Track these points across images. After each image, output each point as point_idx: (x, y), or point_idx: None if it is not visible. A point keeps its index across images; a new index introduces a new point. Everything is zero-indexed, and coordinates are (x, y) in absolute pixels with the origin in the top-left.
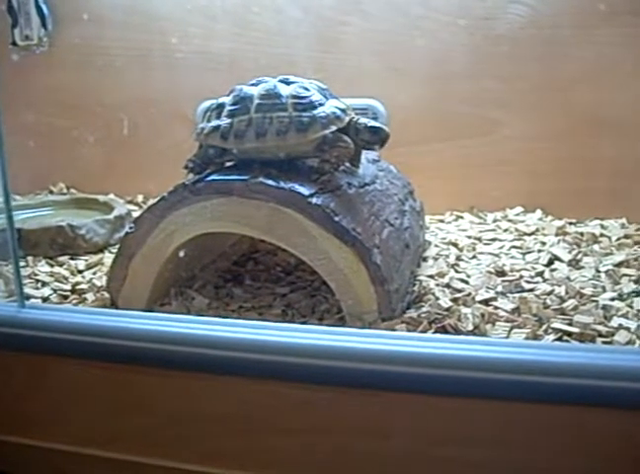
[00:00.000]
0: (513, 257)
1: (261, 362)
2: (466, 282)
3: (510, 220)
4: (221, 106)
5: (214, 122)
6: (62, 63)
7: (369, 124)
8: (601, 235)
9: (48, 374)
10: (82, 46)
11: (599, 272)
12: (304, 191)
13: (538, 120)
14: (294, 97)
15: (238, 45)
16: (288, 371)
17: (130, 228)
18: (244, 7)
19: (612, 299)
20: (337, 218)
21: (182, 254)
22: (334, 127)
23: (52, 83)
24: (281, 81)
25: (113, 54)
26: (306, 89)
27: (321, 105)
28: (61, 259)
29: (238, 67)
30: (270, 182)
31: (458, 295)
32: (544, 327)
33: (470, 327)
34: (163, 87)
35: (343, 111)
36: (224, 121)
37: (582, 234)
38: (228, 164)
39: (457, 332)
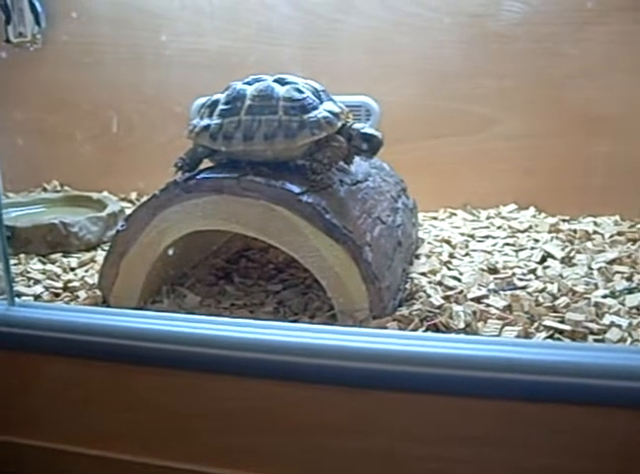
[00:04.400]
0: (506, 254)
1: (252, 361)
2: (458, 280)
3: (503, 217)
4: (215, 103)
5: (205, 122)
6: (56, 60)
7: (362, 131)
8: (595, 232)
9: (37, 373)
10: (76, 44)
11: (591, 269)
12: (295, 189)
13: (532, 118)
14: (286, 99)
15: (231, 42)
16: (279, 370)
17: (122, 226)
18: (236, 4)
19: (605, 297)
20: (328, 216)
21: (171, 252)
22: (324, 133)
23: (46, 80)
24: (277, 81)
25: (107, 52)
26: (299, 91)
27: (314, 108)
28: (54, 256)
29: (231, 64)
30: (261, 180)
31: (450, 293)
32: (536, 325)
33: (462, 325)
34: (157, 84)
35: (335, 115)
36: (214, 121)
37: (575, 231)
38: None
39: (449, 330)
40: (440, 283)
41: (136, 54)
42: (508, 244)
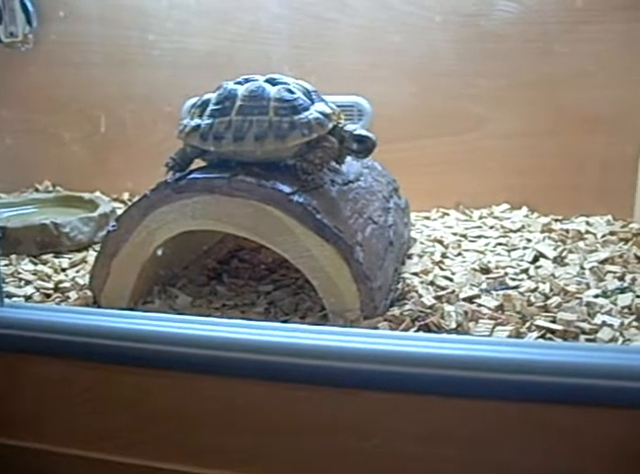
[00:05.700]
0: (498, 254)
1: (243, 361)
2: (450, 280)
3: (495, 217)
4: (206, 103)
5: (195, 121)
6: (47, 60)
7: (356, 132)
8: (587, 232)
9: (27, 374)
10: (67, 43)
11: (583, 269)
12: (286, 188)
13: (525, 117)
14: (277, 100)
15: (222, 42)
16: (270, 370)
17: (112, 226)
18: (227, 3)
19: (596, 296)
20: (319, 216)
21: (160, 252)
22: (315, 135)
23: (38, 80)
24: (268, 81)
25: (98, 51)
26: (291, 92)
27: (305, 109)
28: (45, 257)
29: (222, 64)
30: (252, 180)
31: (442, 293)
32: (528, 324)
33: (453, 325)
34: (148, 84)
35: (327, 116)
36: (205, 121)
37: (567, 231)
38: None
39: (440, 330)
40: (431, 283)
41: (128, 54)
42: (500, 244)
